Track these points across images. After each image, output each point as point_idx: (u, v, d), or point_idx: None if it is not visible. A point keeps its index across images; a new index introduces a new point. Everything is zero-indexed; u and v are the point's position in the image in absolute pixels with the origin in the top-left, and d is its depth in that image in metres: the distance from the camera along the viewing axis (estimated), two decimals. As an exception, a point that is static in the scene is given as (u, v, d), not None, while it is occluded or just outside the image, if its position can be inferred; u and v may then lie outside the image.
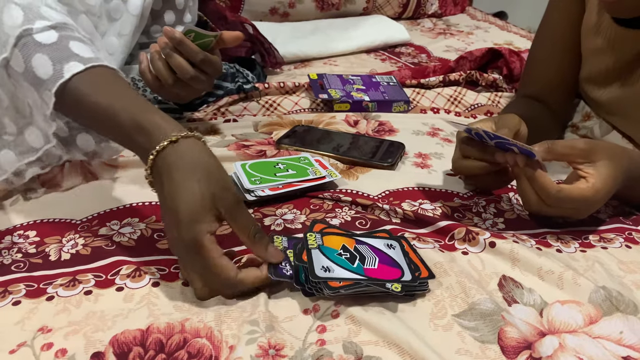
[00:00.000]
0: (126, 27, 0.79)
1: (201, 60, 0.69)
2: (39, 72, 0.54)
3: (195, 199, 0.46)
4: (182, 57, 0.68)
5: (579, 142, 0.57)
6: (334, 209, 0.63)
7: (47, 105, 0.54)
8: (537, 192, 0.56)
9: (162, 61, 0.69)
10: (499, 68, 1.08)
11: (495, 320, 0.47)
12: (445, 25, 1.59)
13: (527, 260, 0.53)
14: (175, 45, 0.67)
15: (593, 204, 0.57)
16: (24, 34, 0.54)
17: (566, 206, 0.56)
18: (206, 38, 0.69)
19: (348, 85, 0.97)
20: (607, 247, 0.58)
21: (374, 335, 0.45)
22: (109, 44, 0.78)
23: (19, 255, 0.54)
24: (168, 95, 0.73)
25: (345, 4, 1.50)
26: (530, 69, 0.85)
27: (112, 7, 0.77)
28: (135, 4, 0.78)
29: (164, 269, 0.52)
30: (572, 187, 0.55)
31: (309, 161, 0.71)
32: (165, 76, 0.69)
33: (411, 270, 0.50)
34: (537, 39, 0.83)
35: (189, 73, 0.68)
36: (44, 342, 0.44)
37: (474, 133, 0.59)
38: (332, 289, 0.46)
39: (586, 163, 0.56)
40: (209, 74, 0.71)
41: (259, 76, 1.01)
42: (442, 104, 0.97)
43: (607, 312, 0.48)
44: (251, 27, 1.09)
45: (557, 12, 0.79)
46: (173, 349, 0.43)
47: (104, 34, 0.77)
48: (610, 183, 0.55)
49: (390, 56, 1.28)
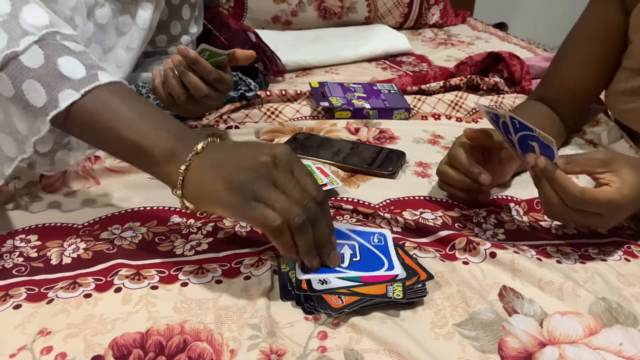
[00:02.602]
0: (135, 40, 0.79)
1: (214, 78, 0.69)
2: (32, 99, 0.49)
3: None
4: (195, 75, 0.69)
5: (598, 153, 0.55)
6: (335, 216, 0.63)
7: (38, 130, 0.51)
8: (559, 194, 0.53)
9: (176, 79, 0.70)
10: (499, 72, 1.08)
11: (495, 330, 0.47)
12: (446, 36, 1.60)
13: (527, 270, 0.54)
14: (190, 64, 0.68)
15: (620, 208, 0.54)
16: (10, 56, 0.49)
17: (591, 209, 0.53)
18: (219, 56, 0.70)
19: (349, 93, 0.98)
20: (607, 260, 0.58)
21: (375, 343, 0.45)
22: (117, 58, 0.79)
23: (20, 259, 0.54)
24: (179, 110, 0.74)
25: (347, 13, 1.51)
26: (553, 70, 0.82)
27: (121, 22, 0.78)
28: (144, 18, 0.79)
29: (163, 271, 0.53)
30: (596, 189, 0.53)
31: (311, 169, 0.71)
32: (178, 93, 0.70)
33: (402, 264, 0.51)
34: (569, 42, 0.80)
35: (203, 91, 0.69)
36: (43, 345, 0.44)
37: (502, 122, 0.56)
38: (336, 310, 0.47)
39: (608, 172, 0.54)
40: (220, 91, 0.72)
41: (261, 84, 1.02)
42: (443, 109, 0.97)
43: (607, 324, 0.48)
44: (254, 35, 1.09)
45: (597, 19, 0.76)
46: (173, 351, 0.43)
47: (112, 48, 0.78)
48: (637, 189, 0.53)
49: (392, 65, 1.29)
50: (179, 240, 0.58)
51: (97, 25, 0.76)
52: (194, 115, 0.77)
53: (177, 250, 0.56)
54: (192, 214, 0.62)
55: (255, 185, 0.46)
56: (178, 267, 0.53)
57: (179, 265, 0.53)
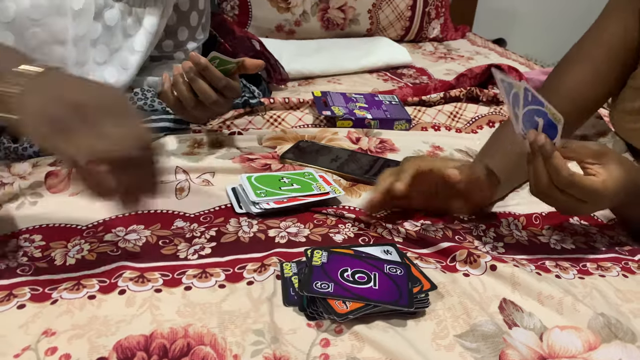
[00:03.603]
0: (141, 44, 0.80)
1: (224, 86, 0.70)
2: None
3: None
4: (205, 82, 0.69)
5: (591, 144, 0.57)
6: (337, 224, 0.64)
7: None
8: (550, 172, 0.55)
9: (185, 85, 0.70)
10: (499, 83, 1.10)
11: (496, 342, 0.47)
12: (446, 50, 1.62)
13: (527, 284, 0.54)
14: (200, 71, 0.69)
15: (600, 199, 0.56)
16: None
17: (574, 194, 0.55)
18: (229, 64, 0.71)
19: (351, 103, 0.99)
20: (605, 275, 0.59)
21: (377, 351, 0.45)
22: (122, 59, 0.79)
23: (24, 259, 0.54)
24: (187, 116, 0.75)
25: (350, 24, 1.52)
26: (557, 79, 0.79)
27: (129, 24, 0.79)
28: (151, 22, 0.80)
29: (167, 274, 0.53)
30: (584, 177, 0.55)
31: (313, 176, 0.71)
32: (187, 99, 0.71)
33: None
34: (579, 51, 0.77)
35: (212, 98, 0.70)
36: (48, 346, 0.44)
37: (513, 92, 0.55)
38: (340, 315, 0.47)
39: (596, 164, 0.56)
40: (228, 98, 0.73)
41: (264, 91, 1.02)
42: (443, 120, 0.98)
43: (606, 339, 0.49)
44: (258, 43, 1.10)
45: (613, 33, 0.75)
46: (177, 354, 0.44)
47: (118, 49, 0.78)
48: (620, 185, 0.55)
49: (393, 77, 1.30)
50: (183, 244, 0.58)
51: (105, 27, 0.77)
52: (200, 121, 0.78)
53: (180, 254, 0.56)
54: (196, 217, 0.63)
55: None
56: (182, 270, 0.54)
57: (182, 269, 0.54)
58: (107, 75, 0.78)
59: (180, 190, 0.68)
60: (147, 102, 0.83)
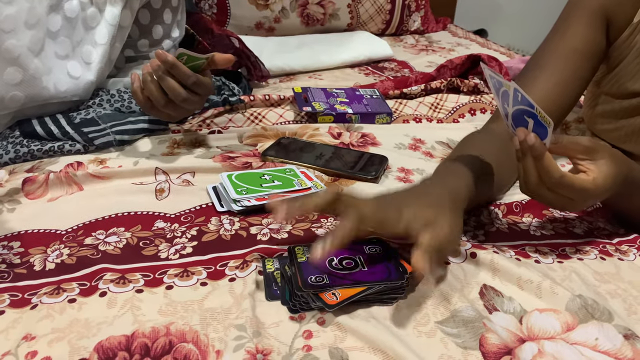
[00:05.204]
0: (103, 36, 0.78)
1: (193, 82, 0.70)
2: None
3: None
4: (174, 79, 0.69)
5: (583, 139, 0.57)
6: (319, 219, 0.64)
7: None
8: (540, 173, 0.54)
9: (154, 83, 0.70)
10: (479, 74, 1.10)
11: (476, 327, 0.48)
12: (428, 42, 1.63)
13: (507, 270, 0.55)
14: (168, 69, 0.68)
15: (590, 198, 0.56)
16: None
17: (564, 194, 0.55)
18: (198, 60, 0.70)
19: (332, 98, 0.99)
20: (583, 259, 0.60)
21: (359, 341, 0.46)
22: (85, 53, 0.78)
23: (3, 266, 0.53)
24: (159, 114, 0.74)
25: (330, 20, 1.52)
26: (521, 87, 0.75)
27: (89, 15, 0.77)
28: (112, 13, 0.78)
29: (148, 275, 0.53)
30: (574, 175, 0.55)
31: (295, 172, 0.72)
32: (157, 98, 0.70)
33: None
34: (543, 58, 0.75)
35: (181, 95, 0.69)
36: (28, 350, 0.44)
37: (503, 90, 0.55)
38: (330, 306, 0.47)
39: (587, 160, 0.56)
40: (200, 95, 0.72)
41: (244, 89, 1.02)
42: (424, 111, 0.99)
43: (583, 320, 0.50)
44: (237, 41, 1.10)
45: (576, 37, 0.73)
46: (159, 352, 0.44)
47: (80, 42, 0.77)
48: (610, 182, 0.55)
49: (374, 71, 1.31)
50: (164, 245, 0.58)
51: (66, 18, 0.75)
52: (175, 119, 0.77)
53: (161, 254, 0.56)
54: (177, 218, 0.63)
55: None
56: (163, 270, 0.54)
57: (164, 269, 0.54)
58: (71, 70, 0.76)
59: (160, 191, 0.68)
60: (125, 104, 0.82)
